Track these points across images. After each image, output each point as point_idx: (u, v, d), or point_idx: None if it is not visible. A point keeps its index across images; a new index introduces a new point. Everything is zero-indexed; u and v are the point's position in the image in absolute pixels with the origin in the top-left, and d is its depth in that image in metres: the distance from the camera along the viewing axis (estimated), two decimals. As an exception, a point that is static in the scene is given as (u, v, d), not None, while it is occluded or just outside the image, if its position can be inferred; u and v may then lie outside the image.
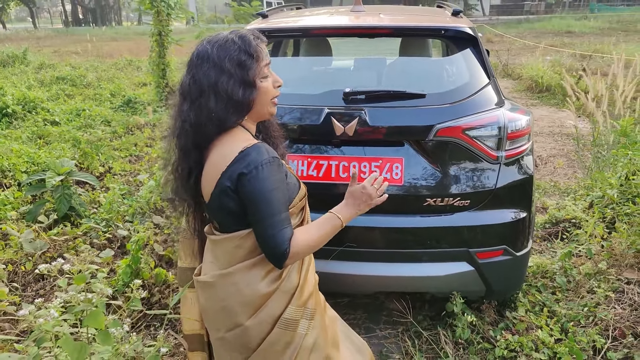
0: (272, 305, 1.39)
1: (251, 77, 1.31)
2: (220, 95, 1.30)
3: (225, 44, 1.32)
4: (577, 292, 2.74)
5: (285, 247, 1.28)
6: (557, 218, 3.61)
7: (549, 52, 12.14)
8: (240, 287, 1.38)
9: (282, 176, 1.33)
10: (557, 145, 5.91)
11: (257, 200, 1.28)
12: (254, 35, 1.36)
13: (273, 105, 1.41)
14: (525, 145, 2.21)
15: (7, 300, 2.57)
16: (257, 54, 1.32)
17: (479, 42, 2.33)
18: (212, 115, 1.31)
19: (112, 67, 12.61)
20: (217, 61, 1.30)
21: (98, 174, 4.78)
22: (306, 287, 1.46)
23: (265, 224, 1.29)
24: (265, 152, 1.30)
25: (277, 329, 1.39)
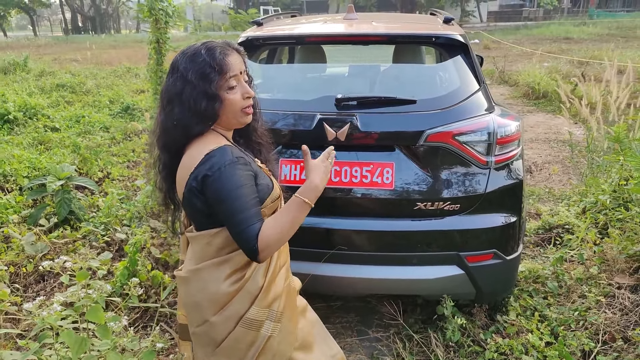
0: (236, 304, 1.44)
1: (214, 90, 1.36)
2: (184, 104, 1.37)
3: (193, 56, 1.38)
4: (568, 297, 2.77)
5: (252, 244, 1.31)
6: (550, 224, 3.64)
7: (546, 58, 12.22)
8: (207, 284, 1.44)
9: (247, 174, 1.37)
10: (553, 151, 5.96)
11: (221, 199, 1.33)
12: (222, 47, 1.40)
13: (244, 115, 1.44)
14: (515, 150, 2.25)
15: (9, 301, 2.61)
16: (221, 67, 1.36)
17: (469, 49, 2.38)
18: (177, 123, 1.39)
19: (111, 75, 12.69)
20: (184, 72, 1.36)
21: (97, 179, 4.85)
22: (272, 290, 1.47)
23: (231, 222, 1.34)
24: (229, 154, 1.35)
25: (240, 328, 1.44)
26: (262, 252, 1.32)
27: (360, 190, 2.16)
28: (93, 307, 1.61)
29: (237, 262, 1.43)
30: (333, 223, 2.21)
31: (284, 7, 38.12)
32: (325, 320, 2.64)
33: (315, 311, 2.68)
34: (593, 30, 22.99)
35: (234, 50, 1.43)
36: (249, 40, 2.47)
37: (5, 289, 2.65)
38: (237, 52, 1.44)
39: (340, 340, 2.52)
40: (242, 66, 1.42)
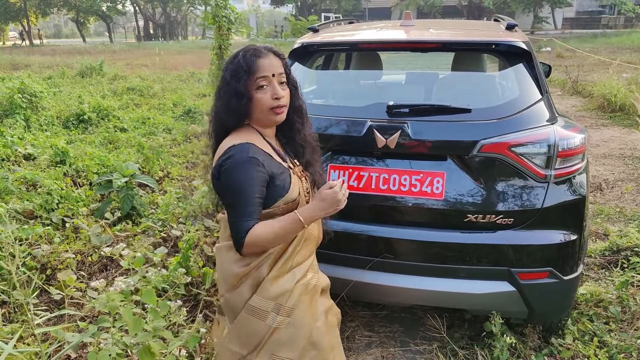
0: (243, 287, 1.56)
1: (242, 88, 1.48)
2: (222, 100, 1.54)
3: (232, 58, 1.54)
4: (631, 324, 2.58)
5: (241, 236, 1.44)
6: (618, 245, 3.40)
7: (625, 69, 11.42)
8: (223, 263, 1.61)
9: (258, 175, 1.46)
10: (627, 168, 5.56)
11: (227, 190, 1.48)
12: (257, 50, 1.52)
13: (274, 115, 1.53)
14: (578, 164, 2.13)
15: (74, 286, 2.81)
16: (250, 68, 1.48)
17: (532, 56, 2.28)
18: (216, 116, 1.58)
19: (176, 79, 13.33)
20: (224, 72, 1.55)
21: (157, 178, 5.09)
22: (277, 284, 1.55)
23: (230, 212, 1.49)
24: (245, 151, 1.47)
25: (244, 313, 1.56)
26: (246, 247, 1.45)
27: (409, 199, 2.13)
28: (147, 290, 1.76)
29: None
30: (379, 231, 2.19)
31: (346, 14, 38.35)
32: (369, 328, 2.65)
33: (359, 319, 2.71)
34: (680, 41, 21.25)
35: (270, 53, 1.54)
36: (303, 46, 2.52)
37: (72, 275, 2.87)
38: (274, 55, 1.54)
39: (383, 349, 2.49)
40: (276, 69, 1.52)
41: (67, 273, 2.86)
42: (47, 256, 3.13)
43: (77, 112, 7.29)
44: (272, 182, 1.51)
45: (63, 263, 3.09)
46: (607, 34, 28.30)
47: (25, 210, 3.84)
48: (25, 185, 4.33)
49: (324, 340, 1.65)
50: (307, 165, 1.71)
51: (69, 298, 2.73)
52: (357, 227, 2.18)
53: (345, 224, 2.16)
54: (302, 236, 1.60)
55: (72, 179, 4.71)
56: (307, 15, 9.78)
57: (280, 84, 1.53)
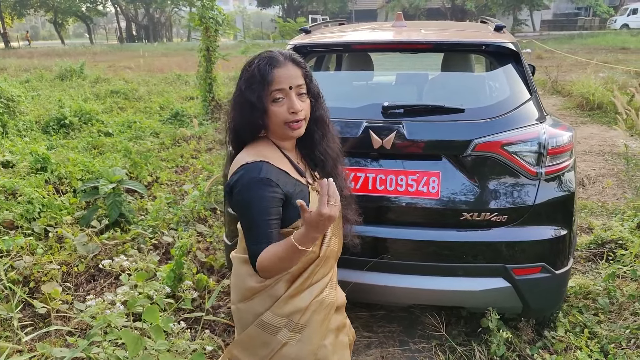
0: (256, 302, 1.51)
1: (255, 99, 1.40)
2: (237, 109, 1.46)
3: (248, 64, 1.45)
4: (619, 314, 2.65)
5: (253, 262, 1.39)
6: (602, 239, 3.49)
7: (601, 68, 11.69)
8: (236, 273, 1.58)
9: (270, 196, 1.37)
10: (607, 164, 5.69)
11: (238, 212, 1.44)
12: (274, 58, 1.41)
13: (290, 129, 1.44)
14: (566, 161, 2.18)
15: (60, 299, 2.74)
16: (264, 78, 1.39)
17: (521, 57, 2.33)
18: (230, 126, 1.51)
19: (162, 82, 13.16)
20: (239, 80, 1.46)
21: (146, 183, 5.00)
22: (293, 302, 1.48)
23: (244, 234, 1.44)
24: (257, 171, 1.38)
25: (255, 327, 1.51)
26: (260, 272, 1.40)
27: (406, 199, 2.15)
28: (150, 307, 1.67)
29: None
30: (377, 231, 2.21)
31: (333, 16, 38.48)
32: (367, 329, 2.67)
33: (358, 320, 2.73)
34: (653, 41, 21.83)
35: (289, 62, 1.43)
36: (296, 48, 2.52)
37: (57, 287, 2.78)
38: (293, 63, 1.44)
39: (382, 349, 2.51)
40: (294, 80, 1.41)
41: (52, 285, 2.77)
42: (29, 268, 3.02)
43: (57, 117, 7.14)
44: (288, 201, 1.42)
45: (47, 275, 3.00)
46: (583, 35, 28.91)
47: (5, 221, 3.71)
48: (4, 194, 4.17)
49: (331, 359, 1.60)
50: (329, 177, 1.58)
51: (55, 311, 2.64)
52: (355, 229, 2.20)
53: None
54: (324, 255, 1.52)
55: (54, 186, 4.56)
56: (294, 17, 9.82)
57: (299, 96, 1.43)
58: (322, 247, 1.51)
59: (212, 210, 4.05)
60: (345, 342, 1.72)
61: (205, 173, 4.95)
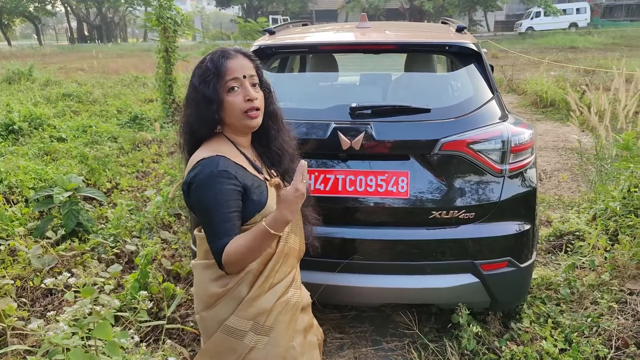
0: (220, 307, 1.49)
1: (211, 92, 1.41)
2: (191, 107, 1.46)
3: (200, 62, 1.47)
4: (580, 303, 2.76)
5: (217, 257, 1.38)
6: (561, 231, 3.63)
7: (553, 67, 12.24)
8: (198, 281, 1.55)
9: (229, 188, 1.38)
10: (562, 159, 5.95)
11: (197, 208, 1.42)
12: (225, 52, 1.45)
13: (248, 119, 1.45)
14: (528, 158, 2.25)
15: (16, 316, 2.59)
16: (218, 69, 1.41)
17: (482, 57, 2.39)
18: (184, 125, 1.50)
19: (118, 84, 12.75)
20: (192, 77, 1.47)
21: (105, 190, 4.82)
22: (257, 304, 1.47)
23: (205, 231, 1.43)
24: (215, 165, 1.39)
25: (220, 334, 1.49)
26: (226, 266, 1.38)
27: (375, 199, 2.16)
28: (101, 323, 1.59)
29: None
30: (348, 232, 2.21)
31: (293, 17, 38.47)
32: (339, 330, 2.66)
33: (329, 321, 2.72)
34: (598, 40, 23.06)
35: (240, 54, 1.47)
36: (261, 49, 2.49)
37: (12, 303, 2.62)
38: (244, 56, 1.47)
39: (355, 350, 2.51)
40: (247, 70, 1.45)
41: (6, 301, 2.60)
42: (-21, 284, 2.82)
43: (5, 122, 6.76)
44: (247, 195, 1.43)
45: (0, 290, 2.82)
46: (534, 35, 30.15)
47: (-50, 234, 3.47)
48: (-52, 206, 3.90)
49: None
50: (285, 175, 1.62)
51: (11, 329, 2.50)
52: (325, 230, 2.18)
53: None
54: (282, 252, 1.52)
55: (4, 196, 4.31)
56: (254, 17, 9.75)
57: (252, 86, 1.46)
58: (279, 243, 1.52)
59: (176, 216, 3.94)
60: (314, 342, 1.72)
61: (167, 178, 4.81)
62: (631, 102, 4.11)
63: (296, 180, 1.29)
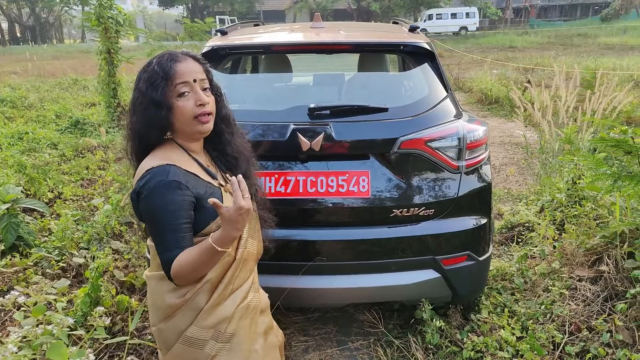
0: (179, 318, 1.44)
1: (160, 97, 1.35)
2: (139, 113, 1.39)
3: (146, 65, 1.41)
4: (534, 292, 2.87)
5: (166, 270, 1.33)
6: (512, 223, 3.78)
7: (495, 66, 12.78)
8: (154, 292, 1.49)
9: (179, 199, 1.33)
10: (508, 154, 6.21)
11: (146, 218, 1.37)
12: (173, 55, 1.40)
13: (199, 124, 1.41)
14: (483, 154, 2.32)
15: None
16: (167, 74, 1.36)
17: (436, 56, 2.43)
18: (132, 133, 1.43)
19: (56, 87, 12.09)
20: (138, 81, 1.40)
21: (47, 200, 4.54)
22: (217, 312, 1.44)
23: (154, 242, 1.37)
24: (164, 174, 1.34)
25: (179, 345, 1.44)
26: (175, 279, 1.34)
27: (337, 200, 2.15)
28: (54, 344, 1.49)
29: None
30: (310, 234, 2.18)
31: (240, 16, 37.96)
32: (304, 333, 2.63)
33: (293, 325, 2.69)
34: (534, 39, 24.40)
35: (189, 58, 1.42)
36: (214, 49, 2.42)
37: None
38: (194, 59, 1.43)
39: (321, 352, 2.49)
40: (197, 74, 1.40)
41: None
42: None
43: None
44: (200, 204, 1.38)
45: None
46: (476, 35, 31.45)
47: None
48: None
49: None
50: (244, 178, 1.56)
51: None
52: (287, 233, 2.15)
53: (275, 231, 2.11)
54: (241, 258, 1.49)
55: None
56: (200, 17, 9.52)
57: (203, 90, 1.41)
58: (238, 250, 1.48)
59: (127, 225, 3.76)
60: (275, 343, 1.71)
61: (116, 185, 4.59)
62: (571, 98, 4.35)
63: (237, 198, 1.23)
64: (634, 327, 2.37)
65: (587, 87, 5.38)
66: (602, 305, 2.60)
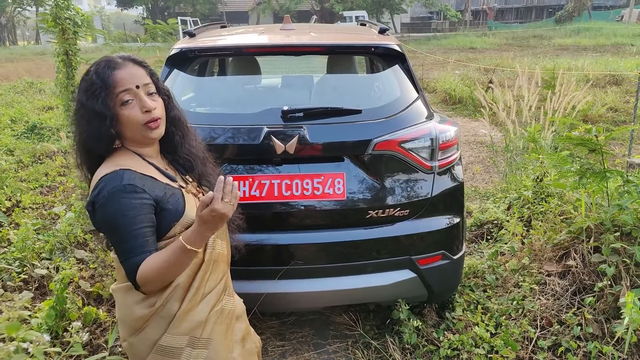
0: (150, 329, 1.39)
1: (101, 107, 1.29)
2: (80, 126, 1.34)
3: (85, 74, 1.33)
4: (505, 288, 2.94)
5: (132, 277, 1.28)
6: (481, 220, 3.86)
7: (457, 66, 13.08)
8: (122, 306, 1.44)
9: (137, 203, 1.28)
10: (474, 152, 6.36)
11: (105, 228, 1.32)
12: (111, 62, 1.33)
13: (149, 130, 1.35)
14: (455, 154, 2.35)
15: None
16: (106, 83, 1.29)
17: (406, 58, 2.45)
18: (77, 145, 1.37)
19: (10, 91, 11.55)
20: (78, 92, 1.33)
21: (5, 209, 4.32)
22: (190, 317, 1.40)
23: (116, 251, 1.31)
24: (118, 180, 1.29)
25: (154, 355, 1.40)
26: (142, 286, 1.29)
27: (313, 202, 2.13)
28: None
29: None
30: (286, 238, 2.16)
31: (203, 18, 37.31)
32: (280, 337, 2.60)
33: (269, 329, 2.65)
34: (493, 41, 25.12)
35: (129, 62, 1.35)
36: (182, 52, 2.35)
37: None
38: (134, 63, 1.36)
39: (298, 356, 2.46)
40: (139, 79, 1.34)
41: None
42: None
43: None
44: (161, 206, 1.34)
45: None
46: (437, 36, 32.16)
47: None
48: None
49: None
50: (202, 179, 1.55)
51: None
52: (263, 237, 2.12)
53: (250, 236, 2.07)
54: (211, 259, 1.45)
55: None
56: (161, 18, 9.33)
57: (149, 95, 1.35)
58: (206, 251, 1.44)
59: (92, 233, 3.61)
60: (253, 349, 1.68)
61: (78, 191, 4.41)
62: (533, 98, 4.49)
63: (215, 200, 1.19)
64: (602, 320, 2.45)
65: (547, 87, 5.57)
66: (571, 299, 2.68)
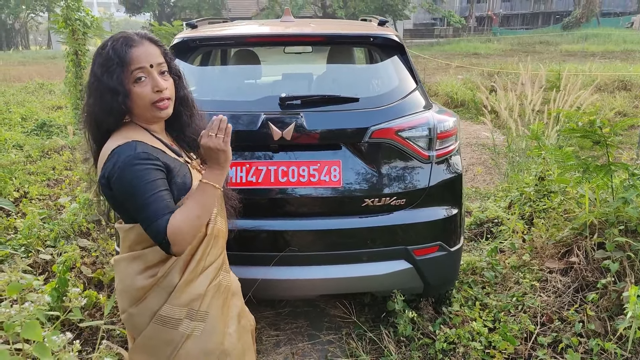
0: (150, 299, 1.42)
1: (115, 83, 1.32)
2: (95, 98, 1.35)
3: (101, 48, 1.36)
4: (504, 285, 2.92)
5: (161, 238, 1.28)
6: (481, 219, 3.84)
7: (460, 71, 13.07)
8: (123, 277, 1.45)
9: (152, 169, 1.31)
10: (475, 154, 6.34)
11: (126, 197, 1.31)
12: (129, 39, 1.35)
13: (157, 110, 1.38)
14: (453, 145, 2.35)
15: None
16: (122, 59, 1.31)
17: (405, 49, 2.46)
18: (89, 116, 1.39)
19: (22, 91, 11.80)
20: (93, 65, 1.36)
21: (13, 199, 4.44)
22: (190, 289, 1.43)
23: (140, 218, 1.32)
24: (132, 149, 1.31)
25: (153, 325, 1.42)
26: (174, 245, 1.29)
27: (309, 189, 2.14)
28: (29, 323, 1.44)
29: (150, 259, 1.40)
30: (282, 224, 2.17)
31: (208, 24, 37.51)
32: (275, 327, 2.61)
33: (264, 319, 2.66)
34: (498, 47, 25.02)
35: (145, 40, 1.38)
36: (184, 41, 2.39)
37: None
38: (150, 42, 1.39)
39: (292, 346, 2.47)
40: (154, 58, 1.37)
41: None
42: None
43: None
44: (170, 178, 1.36)
45: None
46: (440, 42, 32.14)
47: None
48: None
49: (237, 347, 1.57)
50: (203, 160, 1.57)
51: None
52: (259, 223, 2.14)
53: (246, 221, 2.09)
54: (212, 234, 1.48)
55: None
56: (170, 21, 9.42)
57: (161, 74, 1.38)
58: (209, 225, 1.47)
59: (95, 223, 3.67)
60: (247, 327, 1.70)
61: (83, 184, 4.48)
62: (536, 98, 4.48)
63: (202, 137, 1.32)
64: (605, 317, 2.42)
65: (552, 88, 5.56)
66: (573, 296, 2.65)
